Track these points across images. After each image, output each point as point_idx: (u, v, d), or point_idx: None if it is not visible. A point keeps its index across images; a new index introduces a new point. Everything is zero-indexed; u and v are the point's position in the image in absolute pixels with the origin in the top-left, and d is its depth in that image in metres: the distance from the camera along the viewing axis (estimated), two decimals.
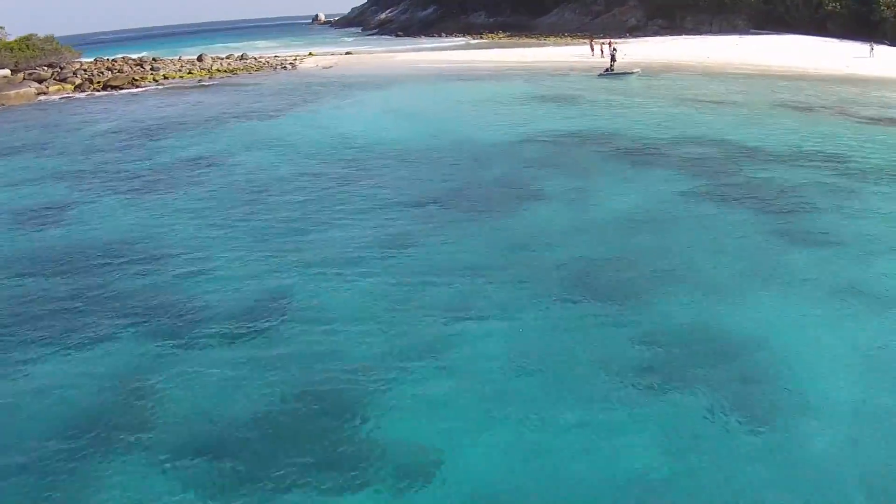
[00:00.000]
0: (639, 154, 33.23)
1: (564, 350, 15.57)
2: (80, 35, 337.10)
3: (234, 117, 50.02)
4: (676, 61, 76.20)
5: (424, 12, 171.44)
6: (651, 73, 65.90)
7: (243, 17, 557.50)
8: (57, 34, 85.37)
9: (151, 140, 43.12)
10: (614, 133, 38.57)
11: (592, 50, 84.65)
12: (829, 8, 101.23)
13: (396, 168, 32.21)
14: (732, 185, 27.51)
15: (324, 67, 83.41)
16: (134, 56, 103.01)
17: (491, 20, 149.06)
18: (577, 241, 21.82)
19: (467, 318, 17.01)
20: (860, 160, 30.67)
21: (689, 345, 15.55)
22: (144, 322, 18.15)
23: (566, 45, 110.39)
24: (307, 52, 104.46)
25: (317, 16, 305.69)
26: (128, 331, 17.68)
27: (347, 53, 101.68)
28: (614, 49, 72.66)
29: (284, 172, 32.37)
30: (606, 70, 65.38)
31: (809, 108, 44.94)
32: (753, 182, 27.78)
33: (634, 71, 64.28)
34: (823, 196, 25.54)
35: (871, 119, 40.74)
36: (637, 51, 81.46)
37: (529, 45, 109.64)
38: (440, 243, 21.74)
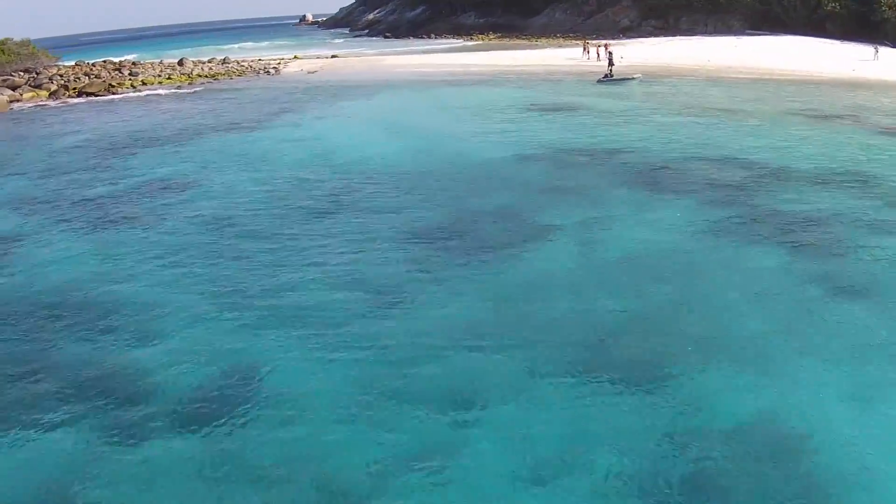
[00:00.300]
0: (649, 175, 30.16)
1: (582, 454, 12.50)
2: (68, 36, 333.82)
3: (211, 130, 46.86)
4: (676, 64, 73.25)
5: (413, 13, 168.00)
6: (651, 77, 62.97)
7: (231, 18, 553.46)
8: (44, 35, 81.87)
9: (119, 158, 39.92)
10: (619, 149, 35.49)
11: (587, 52, 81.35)
12: (829, 8, 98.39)
13: (382, 195, 29.02)
14: (757, 215, 24.45)
15: (308, 72, 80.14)
16: (116, 60, 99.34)
17: (481, 21, 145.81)
18: (588, 293, 18.65)
19: (462, 408, 13.96)
20: (892, 181, 27.62)
21: (735, 444, 12.59)
22: (82, 404, 15.11)
23: (559, 46, 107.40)
24: (292, 56, 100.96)
25: (304, 16, 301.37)
26: (61, 415, 14.70)
27: (333, 57, 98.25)
28: (610, 52, 69.60)
29: (257, 202, 29.11)
30: (605, 76, 62.17)
31: (823, 117, 42.14)
32: (780, 211, 24.73)
33: (635, 76, 61.27)
34: (861, 231, 22.52)
35: (890, 129, 37.81)
36: (633, 53, 78.43)
37: (522, 47, 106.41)
38: (431, 302, 18.59)
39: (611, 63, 66.93)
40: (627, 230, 23.82)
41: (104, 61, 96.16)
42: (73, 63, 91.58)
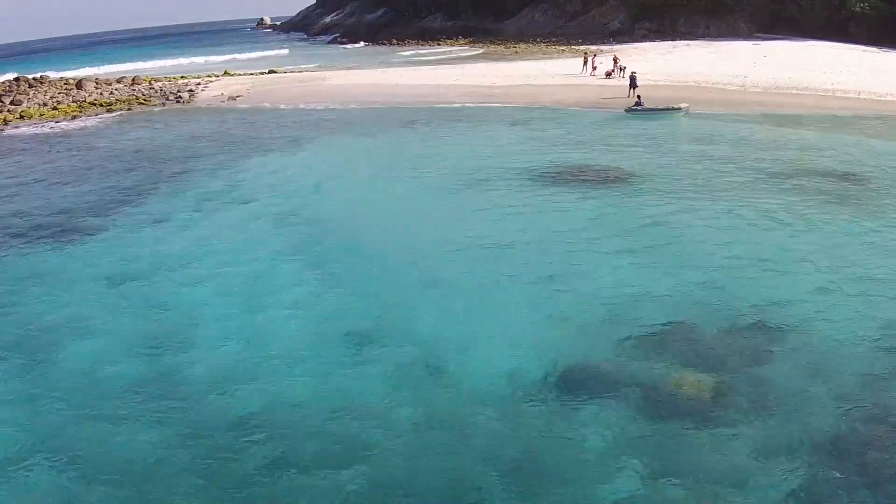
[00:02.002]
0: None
1: None
2: (22, 42, 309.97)
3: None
4: (706, 83, 55.69)
5: (372, 16, 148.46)
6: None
7: (188, 22, 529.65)
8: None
9: None
10: (737, 297, 18.37)
11: (588, 67, 62.51)
12: (857, 9, 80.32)
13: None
14: None
15: (229, 98, 60.74)
16: (30, 76, 78.55)
17: (449, 24, 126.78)
18: None
19: None
20: None
21: None
22: None
23: (543, 55, 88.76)
24: (223, 71, 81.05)
25: (261, 19, 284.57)
26: None
27: (270, 72, 78.41)
28: (633, 74, 51.21)
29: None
30: (635, 104, 43.53)
31: None
32: None
33: (680, 107, 42.90)
34: None
35: None
36: (642, 67, 60.19)
37: (502, 57, 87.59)
38: None
39: (633, 84, 48.65)
40: None
41: (15, 79, 75.88)
42: None
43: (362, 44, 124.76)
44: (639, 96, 44.64)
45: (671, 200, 26.98)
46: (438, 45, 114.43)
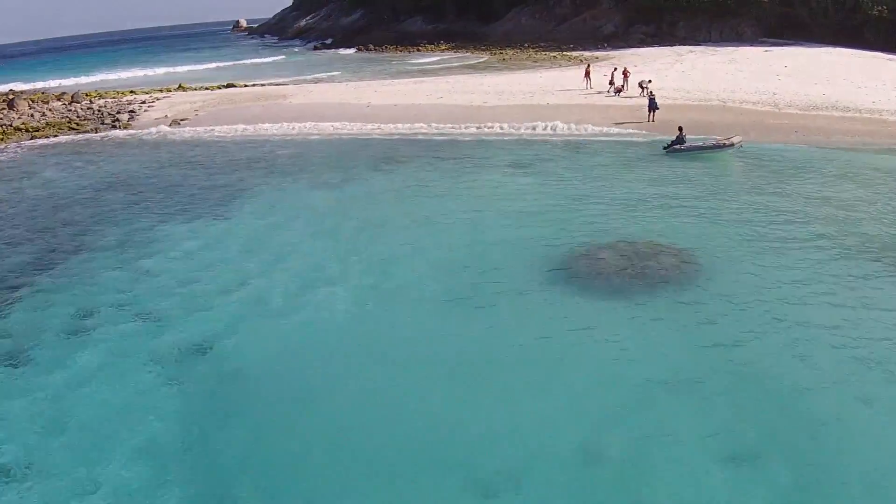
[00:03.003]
0: None
1: None
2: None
3: None
4: (729, 100, 47.44)
5: (349, 19, 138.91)
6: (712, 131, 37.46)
7: (168, 24, 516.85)
8: None
9: None
10: None
11: (590, 79, 53.58)
12: (874, 13, 71.89)
13: None
14: None
15: (173, 121, 51.47)
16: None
17: (430, 27, 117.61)
18: None
19: None
20: None
21: None
22: None
23: (535, 63, 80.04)
24: (177, 85, 71.57)
25: (237, 22, 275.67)
26: None
27: (228, 86, 69.05)
28: (651, 94, 42.59)
29: None
30: (676, 141, 34.66)
31: None
32: None
33: (733, 142, 33.96)
34: None
35: None
36: (645, 78, 50.98)
37: (490, 67, 78.33)
38: None
39: (652, 106, 40.13)
40: None
41: None
42: None
43: (353, 50, 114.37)
44: (680, 128, 35.51)
45: (781, 329, 17.94)
46: (419, 49, 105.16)
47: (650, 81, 49.80)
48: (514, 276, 21.33)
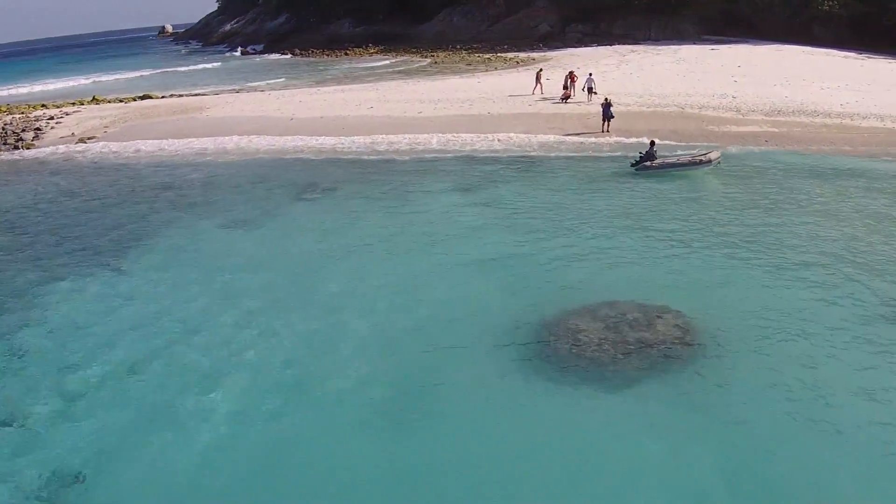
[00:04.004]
0: None
1: None
2: None
3: None
4: (687, 105, 43.51)
5: (275, 22, 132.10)
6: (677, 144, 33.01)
7: (93, 31, 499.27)
8: None
9: None
10: None
11: (540, 85, 48.48)
12: (824, 8, 68.52)
13: None
14: None
15: (80, 139, 45.34)
16: None
17: (359, 30, 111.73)
18: None
19: None
20: None
21: None
22: None
23: (469, 66, 74.75)
24: (91, 97, 64.79)
25: (163, 28, 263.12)
26: None
27: (144, 97, 62.55)
28: (607, 100, 37.94)
29: None
30: (645, 157, 29.53)
31: None
32: None
33: (710, 158, 29.23)
34: None
35: None
36: (600, 84, 46.44)
37: (423, 72, 72.85)
38: None
39: (607, 115, 35.94)
40: None
41: None
42: None
43: (278, 55, 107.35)
44: (652, 142, 30.59)
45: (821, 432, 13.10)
46: (347, 54, 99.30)
47: (590, 74, 45.30)
48: (466, 365, 16.09)
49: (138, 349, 17.51)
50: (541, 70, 51.04)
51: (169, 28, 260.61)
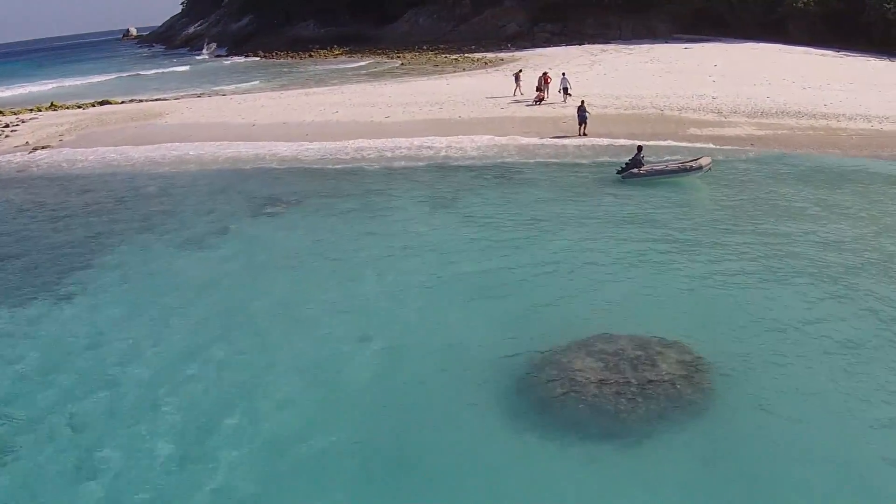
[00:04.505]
0: None
1: None
2: None
3: None
4: (666, 107, 41.90)
5: (238, 24, 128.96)
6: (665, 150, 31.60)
7: (57, 35, 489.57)
8: None
9: None
10: None
11: (518, 86, 46.26)
12: (799, 5, 67.13)
13: None
14: None
15: (34, 148, 42.66)
16: None
17: (322, 31, 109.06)
18: None
19: None
20: None
21: None
22: None
23: (437, 67, 72.48)
24: (49, 103, 61.64)
25: (127, 31, 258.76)
26: None
27: (103, 103, 59.70)
28: (582, 106, 35.93)
29: None
30: (632, 163, 27.41)
31: None
32: None
33: (700, 164, 27.02)
34: None
35: None
36: (574, 86, 44.28)
37: (389, 74, 70.41)
38: None
39: (583, 118, 33.57)
40: None
41: None
42: None
43: (242, 58, 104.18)
44: (639, 147, 28.52)
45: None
46: (311, 56, 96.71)
47: (563, 74, 43.40)
48: (441, 416, 13.88)
49: (68, 388, 15.13)
50: (520, 71, 48.76)
51: (133, 31, 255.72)
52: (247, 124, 43.43)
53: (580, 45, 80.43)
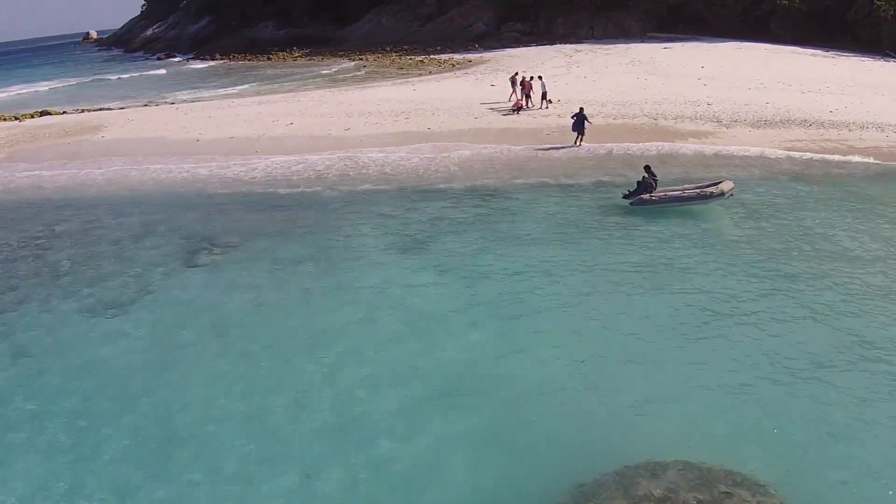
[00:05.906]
0: None
1: None
2: None
3: None
4: (660, 115, 37.65)
5: (196, 26, 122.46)
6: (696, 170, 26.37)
7: (15, 39, 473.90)
8: None
9: None
10: None
11: (514, 90, 40.76)
12: (783, 2, 62.71)
13: None
14: None
15: None
16: None
17: (282, 33, 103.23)
18: None
19: None
20: None
21: None
22: None
23: (401, 70, 67.05)
24: None
25: (87, 34, 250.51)
26: None
27: (42, 114, 53.68)
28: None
29: None
30: (642, 188, 22.44)
31: None
32: None
33: (722, 190, 21.95)
34: None
35: None
36: (553, 92, 39.70)
37: (351, 78, 64.83)
38: None
39: (580, 128, 28.71)
40: None
41: None
42: None
43: (199, 62, 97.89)
44: (647, 168, 23.45)
45: None
46: (270, 58, 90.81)
47: (539, 77, 38.44)
48: None
49: None
50: (516, 74, 42.96)
51: (93, 34, 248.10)
52: (191, 139, 37.94)
53: (551, 45, 75.55)
